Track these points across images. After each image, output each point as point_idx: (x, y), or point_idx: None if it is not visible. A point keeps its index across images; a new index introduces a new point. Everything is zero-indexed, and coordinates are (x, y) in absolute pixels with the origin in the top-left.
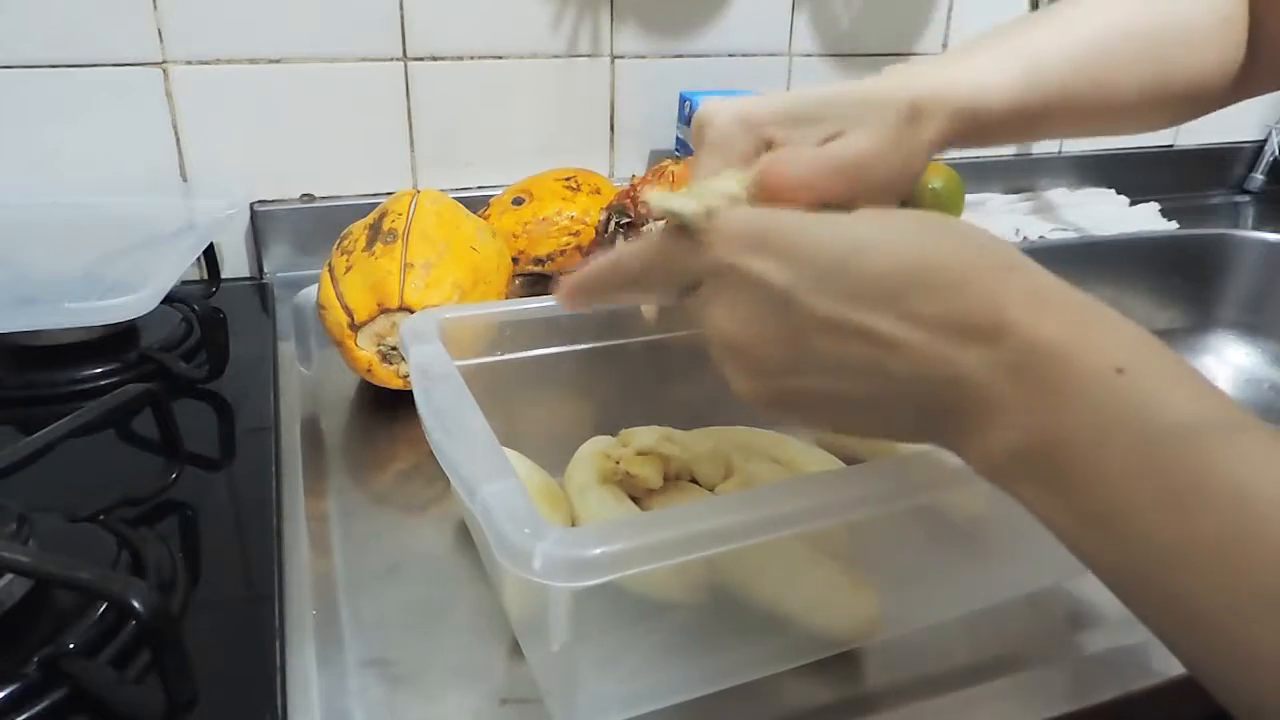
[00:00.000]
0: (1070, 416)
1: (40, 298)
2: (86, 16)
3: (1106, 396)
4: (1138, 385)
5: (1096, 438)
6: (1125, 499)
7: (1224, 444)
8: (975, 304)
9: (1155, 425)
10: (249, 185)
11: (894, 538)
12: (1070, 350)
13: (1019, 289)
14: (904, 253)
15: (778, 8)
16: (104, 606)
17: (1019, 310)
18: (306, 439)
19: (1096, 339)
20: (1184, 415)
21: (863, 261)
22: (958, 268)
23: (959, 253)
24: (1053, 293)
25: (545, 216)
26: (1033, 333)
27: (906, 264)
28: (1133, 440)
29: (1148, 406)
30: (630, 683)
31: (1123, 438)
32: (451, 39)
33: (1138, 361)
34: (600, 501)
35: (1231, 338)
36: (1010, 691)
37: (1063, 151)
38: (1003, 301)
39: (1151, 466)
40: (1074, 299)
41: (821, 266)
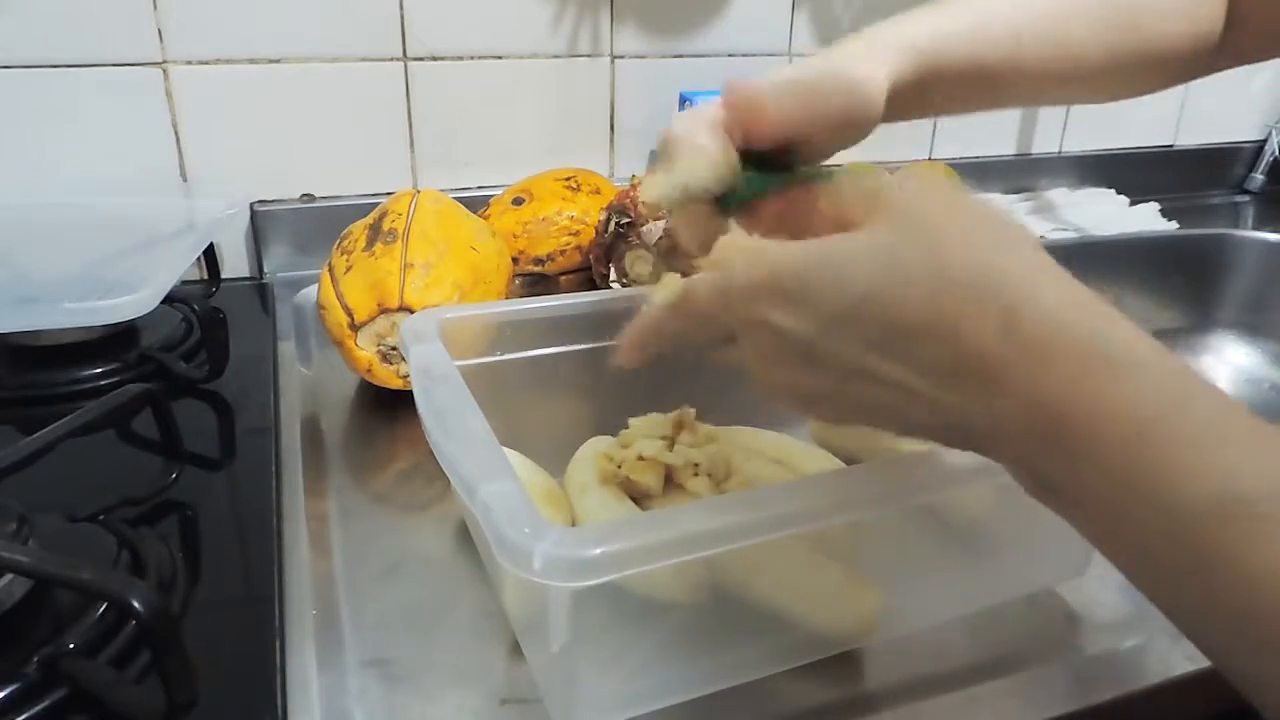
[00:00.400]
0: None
1: (40, 298)
2: (86, 16)
3: (1125, 468)
4: (1157, 457)
5: (1114, 505)
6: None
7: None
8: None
9: (1178, 503)
10: (249, 185)
11: (894, 538)
12: (1077, 412)
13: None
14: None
15: (778, 8)
16: (104, 606)
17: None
18: (306, 439)
19: (1115, 399)
20: (1207, 492)
21: (872, 311)
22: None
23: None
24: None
25: (545, 216)
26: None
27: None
28: (1156, 517)
29: (1168, 481)
30: (630, 683)
31: (1147, 514)
32: (451, 39)
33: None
34: (601, 502)
35: (1231, 338)
36: (1010, 691)
37: (1063, 151)
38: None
39: (1173, 542)
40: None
41: (835, 315)
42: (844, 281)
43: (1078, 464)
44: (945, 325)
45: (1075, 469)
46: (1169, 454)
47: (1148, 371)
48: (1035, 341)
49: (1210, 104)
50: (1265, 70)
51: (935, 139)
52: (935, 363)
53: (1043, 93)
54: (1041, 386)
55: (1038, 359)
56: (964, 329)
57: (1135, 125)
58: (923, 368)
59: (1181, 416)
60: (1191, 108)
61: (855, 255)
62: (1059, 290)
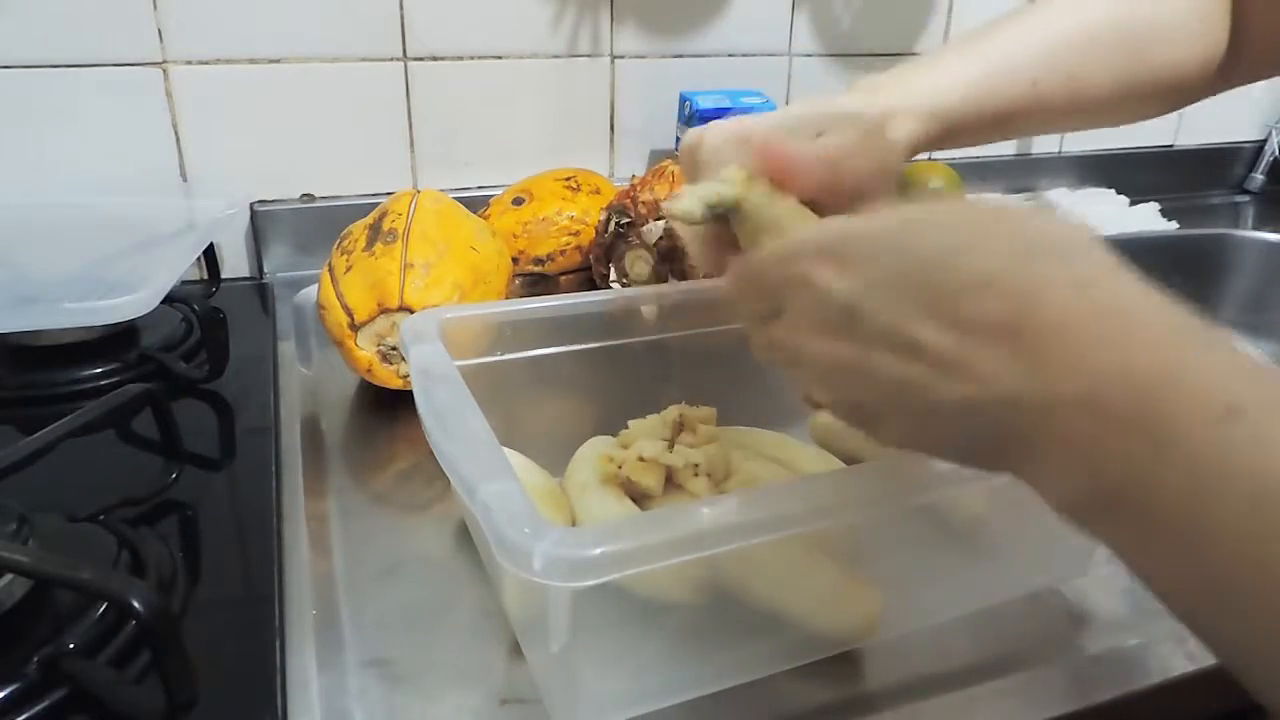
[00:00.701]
0: (1170, 468)
1: (40, 298)
2: (86, 16)
3: (1212, 444)
4: (1247, 433)
5: (1198, 491)
6: (1231, 567)
7: None
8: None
9: (1265, 479)
10: (249, 185)
11: (894, 538)
12: (1168, 389)
13: (1100, 310)
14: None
15: (778, 8)
16: (104, 606)
17: (1100, 332)
18: (306, 439)
19: (1198, 376)
20: None
21: (933, 271)
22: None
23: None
24: (1144, 316)
25: (545, 216)
26: (1120, 367)
27: (976, 268)
28: (1244, 499)
29: (1258, 458)
30: (630, 683)
31: (1228, 495)
32: (451, 39)
33: (1246, 405)
34: (601, 502)
35: (1231, 338)
36: (1010, 691)
37: (1063, 151)
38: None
39: (1259, 527)
40: (1169, 318)
41: (891, 274)
42: (905, 241)
43: (1157, 448)
44: (1012, 278)
45: (1151, 454)
46: (1258, 431)
47: (1225, 346)
48: (1117, 303)
49: (1210, 104)
50: None
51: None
52: (999, 321)
53: (1053, 126)
54: (1122, 353)
55: (1120, 320)
56: (1034, 281)
57: (1135, 126)
58: (982, 328)
59: (1264, 393)
60: (1192, 108)
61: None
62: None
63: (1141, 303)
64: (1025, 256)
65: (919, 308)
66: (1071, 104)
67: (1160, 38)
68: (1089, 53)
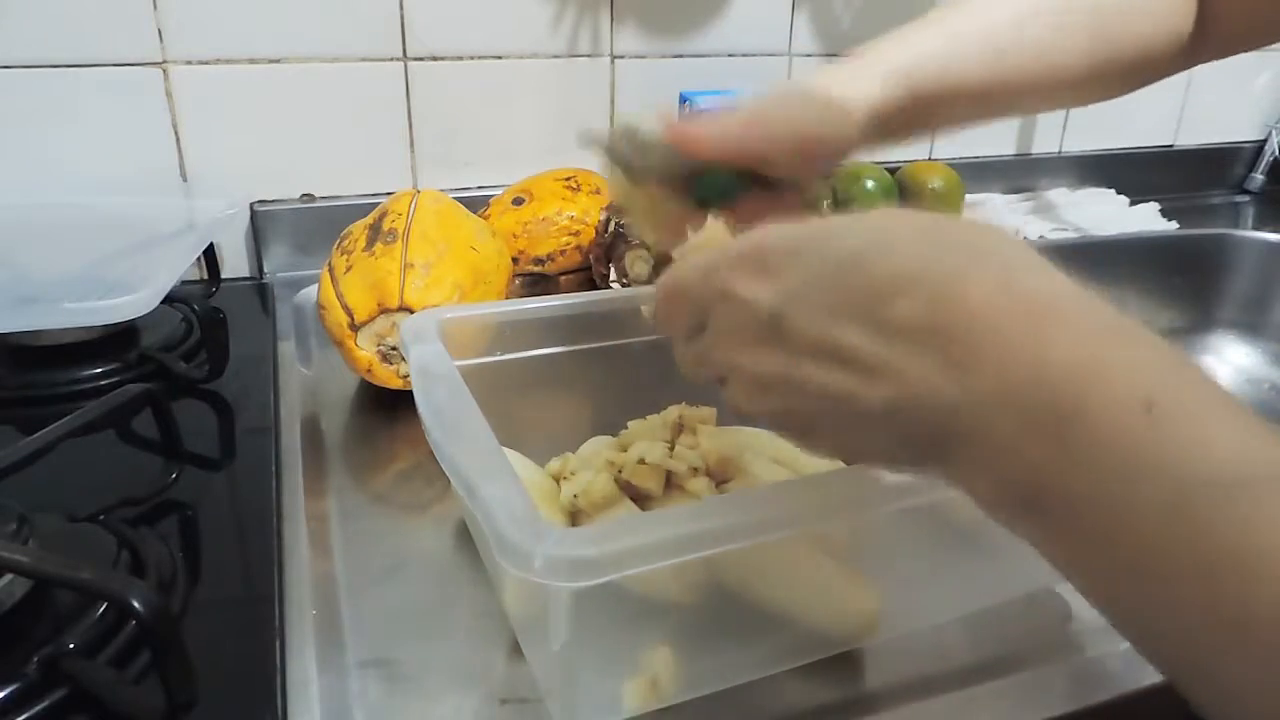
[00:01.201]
0: (1086, 463)
1: (40, 298)
2: (86, 16)
3: (1131, 440)
4: (1167, 428)
5: (1118, 489)
6: (1149, 564)
7: (1268, 502)
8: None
9: (1190, 478)
10: (249, 185)
11: (894, 538)
12: (1086, 385)
13: (1020, 306)
14: (891, 261)
15: (778, 8)
16: (104, 606)
17: (1019, 328)
18: (306, 439)
19: (1118, 366)
20: (1225, 465)
21: (850, 275)
22: (948, 274)
23: (952, 257)
24: (1063, 310)
25: (545, 216)
26: (1038, 363)
27: (894, 269)
28: (1163, 495)
29: (1182, 454)
30: (630, 683)
31: (1151, 492)
32: (451, 39)
33: (1167, 398)
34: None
35: (1231, 338)
36: (1010, 691)
37: (1063, 151)
38: (998, 319)
39: (1184, 529)
40: (1091, 313)
41: (808, 281)
42: (827, 249)
43: (1075, 445)
44: (931, 277)
45: (1071, 451)
46: (1176, 428)
47: (1147, 340)
48: (1033, 298)
49: (1210, 104)
50: (1265, 70)
51: (935, 139)
52: (917, 321)
53: (1024, 103)
54: (1042, 349)
55: (1036, 316)
56: (952, 280)
57: (1135, 125)
58: (901, 328)
59: (1183, 388)
60: (1191, 108)
61: (830, 226)
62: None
63: (1059, 297)
64: (941, 255)
65: (840, 313)
66: (1039, 78)
67: (1128, 13)
68: (1058, 26)
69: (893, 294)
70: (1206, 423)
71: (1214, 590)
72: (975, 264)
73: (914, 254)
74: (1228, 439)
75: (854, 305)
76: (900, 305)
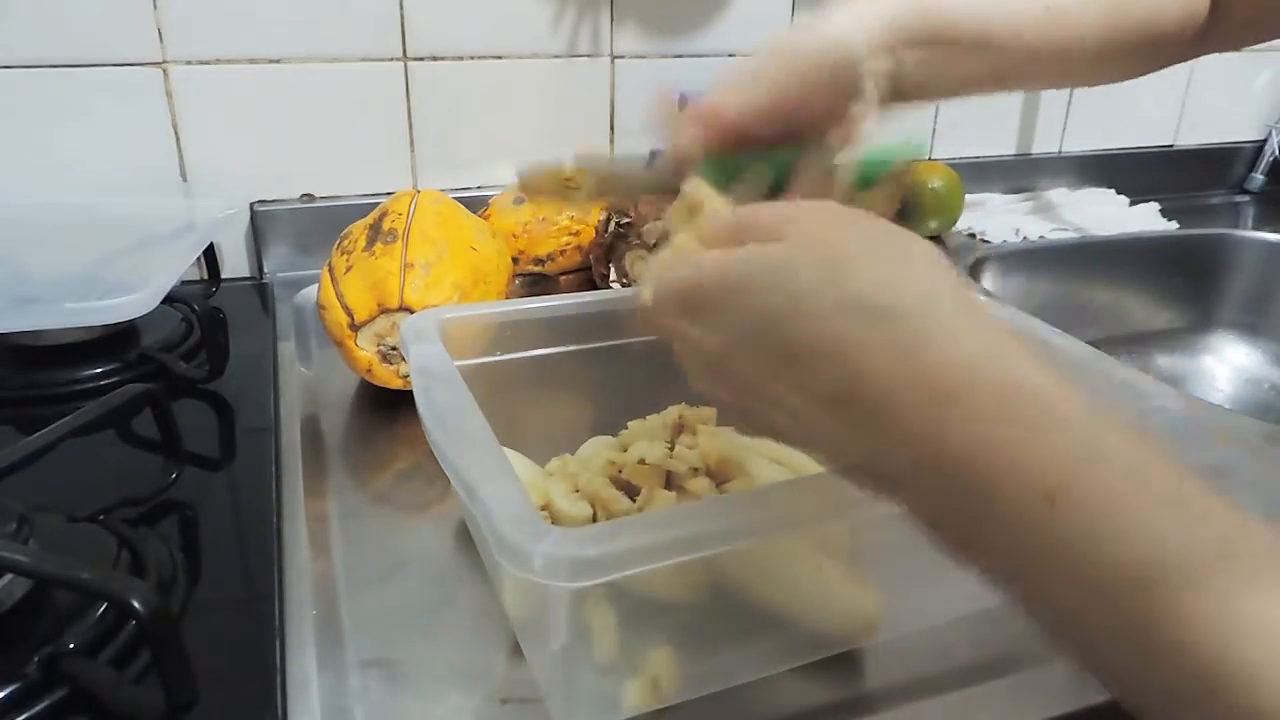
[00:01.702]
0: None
1: (40, 298)
2: (87, 16)
3: (1035, 536)
4: (1072, 522)
5: (1025, 570)
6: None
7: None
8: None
9: (1092, 579)
10: (249, 185)
11: (894, 538)
12: (988, 469)
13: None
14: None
15: (778, 8)
16: (104, 606)
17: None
18: (306, 439)
19: (1023, 455)
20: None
21: (769, 334)
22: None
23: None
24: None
25: (545, 216)
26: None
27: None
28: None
29: (1085, 552)
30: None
31: (1060, 587)
32: (451, 39)
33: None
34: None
35: (1231, 338)
36: (1010, 691)
37: (1063, 151)
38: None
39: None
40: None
41: (738, 333)
42: (744, 300)
43: (981, 520)
44: (838, 348)
45: (979, 525)
46: (1078, 512)
47: (1056, 422)
48: (937, 371)
49: (1210, 104)
50: (1265, 70)
51: (935, 139)
52: (830, 390)
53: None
54: (942, 424)
55: (939, 391)
56: (859, 352)
57: (1135, 125)
58: (817, 396)
59: (1095, 475)
60: (1191, 108)
61: (754, 274)
62: (966, 322)
63: (963, 368)
64: (854, 319)
65: (769, 368)
66: (1048, 44)
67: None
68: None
69: (808, 359)
70: (1111, 515)
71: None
72: (884, 330)
73: (826, 314)
74: (1132, 534)
75: (778, 364)
76: (814, 372)
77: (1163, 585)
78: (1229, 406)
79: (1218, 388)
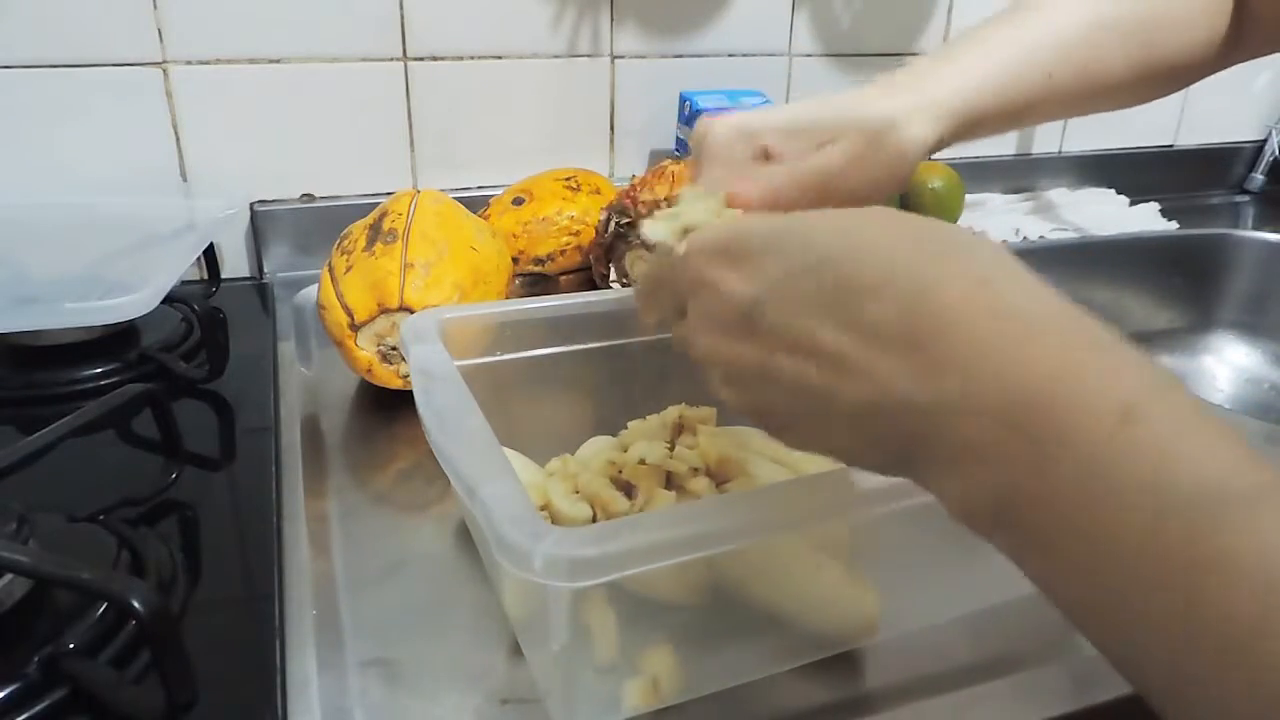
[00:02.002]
0: (1062, 473)
1: (40, 298)
2: (86, 16)
3: (1107, 451)
4: (1146, 438)
5: (1095, 500)
6: (1126, 577)
7: (1249, 516)
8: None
9: (1167, 490)
10: (249, 185)
11: (894, 538)
12: (1061, 391)
13: (996, 309)
14: (867, 262)
15: (778, 8)
16: (104, 606)
17: (990, 334)
18: (306, 439)
19: (1095, 377)
20: (1202, 478)
21: (826, 272)
22: (921, 278)
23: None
24: (1041, 315)
25: (545, 216)
26: (1013, 367)
27: (869, 272)
28: (1139, 508)
29: (1159, 465)
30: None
31: (1127, 504)
32: (451, 39)
33: (1146, 407)
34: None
35: (1231, 338)
36: (1010, 691)
37: (1063, 151)
38: (970, 324)
39: (1160, 542)
40: (1066, 321)
41: (786, 275)
42: (805, 244)
43: (1047, 452)
44: (903, 281)
45: (1042, 460)
46: (1153, 439)
47: (1126, 352)
48: (1011, 302)
49: (1210, 104)
50: (1265, 70)
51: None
52: (882, 323)
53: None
54: (1014, 355)
55: (1013, 321)
56: (924, 284)
57: (1135, 125)
58: (867, 330)
59: (1162, 400)
60: (1191, 108)
61: (817, 224)
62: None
63: (1037, 303)
64: (916, 259)
65: (814, 310)
66: (1084, 93)
67: (1169, 24)
68: (1101, 43)
69: (866, 296)
70: (1184, 436)
71: (1193, 602)
72: (949, 268)
73: (889, 257)
74: (1205, 453)
75: (828, 304)
76: (873, 308)
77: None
78: (1229, 406)
79: (1218, 388)
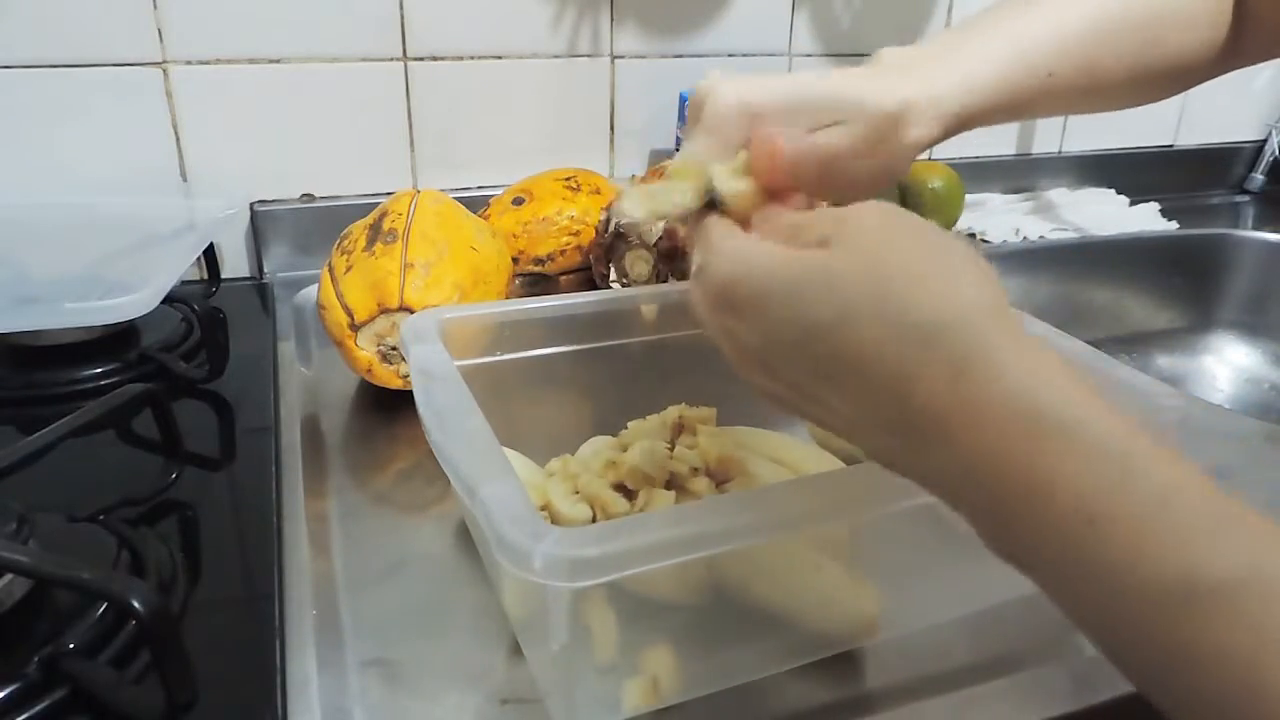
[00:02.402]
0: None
1: (40, 298)
2: (86, 16)
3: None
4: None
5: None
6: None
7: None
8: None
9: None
10: (249, 185)
11: (894, 538)
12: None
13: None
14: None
15: (778, 8)
16: (104, 606)
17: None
18: (306, 439)
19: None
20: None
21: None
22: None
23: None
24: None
25: (545, 216)
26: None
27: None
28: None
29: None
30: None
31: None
32: (451, 39)
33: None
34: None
35: (1231, 338)
36: (1010, 691)
37: (1063, 151)
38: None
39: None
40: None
41: (784, 339)
42: (788, 308)
43: (1022, 533)
44: (890, 373)
45: (1019, 537)
46: (1115, 534)
47: (1093, 441)
48: (980, 398)
49: (1210, 104)
50: (1265, 70)
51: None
52: (873, 399)
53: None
54: (981, 446)
55: (980, 417)
56: (908, 368)
57: (1135, 125)
58: (866, 407)
59: (1128, 493)
60: (1191, 108)
61: (804, 283)
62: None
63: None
64: (903, 335)
65: (814, 373)
66: (1084, 91)
67: (1170, 24)
68: (1103, 42)
69: (856, 371)
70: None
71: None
72: (932, 350)
73: (873, 330)
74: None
75: (824, 372)
76: (863, 383)
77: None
78: (1229, 406)
79: (1218, 388)
